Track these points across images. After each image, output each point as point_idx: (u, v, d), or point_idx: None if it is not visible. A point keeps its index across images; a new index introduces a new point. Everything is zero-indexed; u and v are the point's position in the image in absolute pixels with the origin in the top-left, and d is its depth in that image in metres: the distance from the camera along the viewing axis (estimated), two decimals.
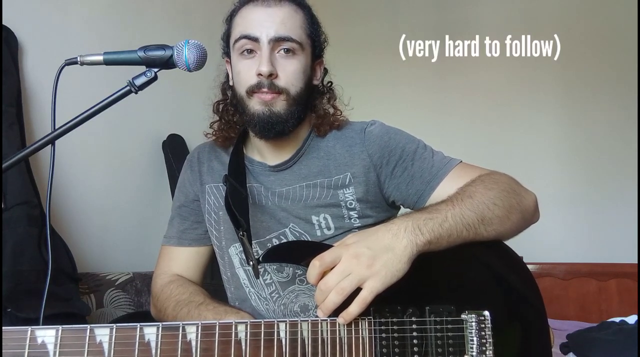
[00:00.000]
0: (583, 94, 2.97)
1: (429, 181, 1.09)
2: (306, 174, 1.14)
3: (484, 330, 0.89)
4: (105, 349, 0.75)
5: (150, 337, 0.76)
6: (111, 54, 0.90)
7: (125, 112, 2.11)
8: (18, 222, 1.51)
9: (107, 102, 0.89)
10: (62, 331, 0.74)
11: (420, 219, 0.89)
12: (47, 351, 0.73)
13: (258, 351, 0.80)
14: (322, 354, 0.82)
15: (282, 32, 1.06)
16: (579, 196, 2.93)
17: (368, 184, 1.11)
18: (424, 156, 1.12)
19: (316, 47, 1.15)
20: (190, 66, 0.90)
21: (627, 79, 2.82)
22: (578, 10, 3.00)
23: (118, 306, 1.83)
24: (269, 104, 1.06)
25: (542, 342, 0.97)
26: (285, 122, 1.08)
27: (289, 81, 1.07)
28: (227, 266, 1.20)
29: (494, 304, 0.91)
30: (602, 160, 2.91)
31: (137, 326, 0.76)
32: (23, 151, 0.86)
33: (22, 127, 1.66)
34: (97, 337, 0.75)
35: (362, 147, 1.13)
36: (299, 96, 1.09)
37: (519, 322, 0.95)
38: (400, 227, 0.88)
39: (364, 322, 0.85)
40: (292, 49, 1.07)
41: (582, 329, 2.19)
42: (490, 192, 0.98)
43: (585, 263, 2.79)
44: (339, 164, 1.13)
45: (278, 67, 1.06)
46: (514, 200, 1.00)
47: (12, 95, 1.65)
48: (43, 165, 1.72)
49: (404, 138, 1.15)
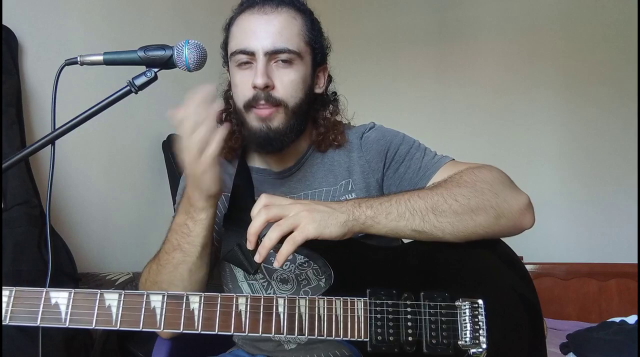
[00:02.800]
0: (583, 95, 2.97)
1: (416, 182, 1.07)
2: (311, 181, 1.13)
3: (477, 317, 0.90)
4: (113, 312, 0.79)
5: (155, 305, 0.80)
6: (111, 54, 0.90)
7: (125, 112, 2.11)
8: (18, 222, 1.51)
9: (107, 102, 0.89)
10: (75, 294, 0.79)
11: (366, 198, 0.95)
12: (60, 311, 0.78)
13: (257, 323, 0.82)
14: (318, 329, 0.84)
15: (278, 44, 1.03)
16: (579, 196, 2.93)
17: (369, 190, 1.11)
18: (415, 157, 1.10)
19: (317, 54, 1.11)
20: (190, 66, 0.90)
21: (627, 78, 2.82)
22: (578, 9, 3.00)
23: None
24: (266, 120, 1.04)
25: (536, 333, 0.98)
26: (284, 136, 1.05)
27: (287, 92, 1.04)
28: (228, 278, 1.17)
29: (488, 295, 0.92)
30: (602, 160, 2.91)
31: (145, 294, 0.81)
32: (23, 151, 0.86)
33: (22, 127, 1.66)
34: (106, 302, 0.79)
35: (360, 153, 1.12)
36: (299, 107, 1.06)
37: (512, 312, 0.96)
38: (347, 202, 0.92)
39: (359, 302, 0.87)
40: (290, 59, 1.04)
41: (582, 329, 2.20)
42: (457, 188, 0.95)
43: (586, 263, 2.79)
44: (340, 171, 1.13)
45: (275, 78, 1.03)
46: (488, 200, 0.95)
47: (12, 95, 1.64)
48: (43, 165, 1.72)
49: (398, 140, 1.13)
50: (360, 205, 0.91)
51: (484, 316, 0.90)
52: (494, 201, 0.95)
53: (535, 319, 0.98)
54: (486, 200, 0.94)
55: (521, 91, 3.06)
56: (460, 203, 0.92)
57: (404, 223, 0.91)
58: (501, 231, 0.97)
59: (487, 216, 0.94)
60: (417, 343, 0.87)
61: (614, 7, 2.91)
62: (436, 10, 3.30)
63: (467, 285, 0.93)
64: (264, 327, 0.82)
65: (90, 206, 1.95)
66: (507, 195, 0.97)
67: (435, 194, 0.93)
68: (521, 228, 0.99)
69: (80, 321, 0.78)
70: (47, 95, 1.76)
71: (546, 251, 2.82)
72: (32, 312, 0.78)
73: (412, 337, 0.87)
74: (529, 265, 2.75)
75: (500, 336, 0.91)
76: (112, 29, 2.11)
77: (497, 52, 3.14)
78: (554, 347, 2.07)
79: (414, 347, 0.87)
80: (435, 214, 0.91)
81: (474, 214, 0.93)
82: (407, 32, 3.34)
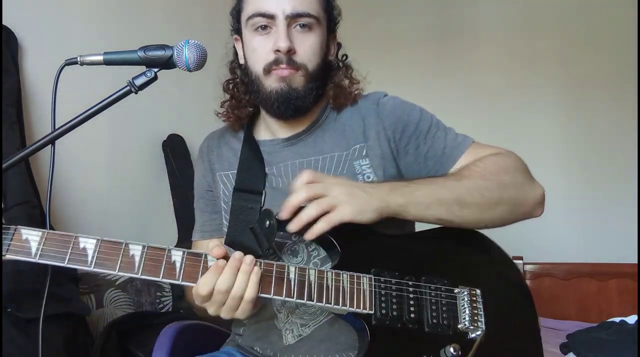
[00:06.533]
0: (583, 96, 2.97)
1: (442, 162, 1.08)
2: (321, 147, 1.12)
3: (475, 303, 0.95)
4: (137, 262, 0.82)
5: (176, 259, 0.84)
6: (111, 54, 0.90)
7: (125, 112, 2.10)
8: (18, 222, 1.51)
9: (107, 102, 0.89)
10: (102, 242, 0.81)
11: (398, 184, 0.96)
12: (87, 254, 0.81)
13: (269, 285, 0.86)
14: (326, 297, 0.88)
15: (299, 7, 1.03)
16: (579, 196, 2.93)
17: (384, 156, 1.09)
18: (437, 135, 1.10)
19: (331, 20, 1.12)
20: (190, 66, 0.90)
21: (626, 78, 2.82)
22: (578, 9, 2.99)
23: (118, 305, 1.83)
24: (287, 80, 1.04)
25: (531, 326, 1.04)
26: (304, 98, 1.06)
27: (307, 57, 1.05)
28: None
29: (485, 286, 0.98)
30: (602, 160, 2.91)
31: (166, 248, 0.84)
32: (23, 151, 0.86)
33: (22, 127, 1.66)
34: (130, 252, 0.82)
35: (377, 119, 1.11)
36: (317, 72, 1.07)
37: (507, 302, 1.02)
38: (380, 184, 0.96)
39: (365, 277, 0.91)
40: (309, 24, 1.04)
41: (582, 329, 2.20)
42: (482, 182, 0.98)
43: (586, 263, 2.79)
44: (354, 135, 1.11)
45: (296, 42, 1.03)
46: (509, 195, 1.00)
47: (12, 95, 1.65)
48: (43, 165, 1.72)
49: (418, 113, 1.13)
50: (393, 192, 0.93)
51: (482, 304, 0.96)
52: (515, 194, 1.00)
53: (528, 311, 1.04)
54: (508, 194, 0.99)
55: (521, 92, 3.06)
56: (484, 197, 0.96)
57: (430, 213, 0.95)
58: (515, 219, 1.02)
59: (507, 207, 1.00)
60: (418, 321, 0.91)
61: (614, 8, 2.91)
62: (435, 11, 3.29)
63: (465, 276, 0.98)
64: (276, 290, 0.85)
65: (90, 205, 1.95)
66: (526, 187, 1.03)
67: (462, 186, 0.97)
68: (531, 217, 1.05)
69: (105, 265, 0.81)
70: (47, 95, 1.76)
71: (546, 251, 2.81)
72: (61, 253, 0.80)
73: (415, 315, 0.91)
74: (529, 265, 2.75)
75: (497, 322, 0.96)
76: (112, 29, 2.11)
77: (497, 53, 3.14)
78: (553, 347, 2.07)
79: (415, 324, 0.91)
80: (459, 206, 0.95)
81: (496, 206, 0.98)
82: (406, 33, 3.34)
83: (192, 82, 2.44)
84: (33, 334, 1.37)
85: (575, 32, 2.99)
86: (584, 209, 2.91)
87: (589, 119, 2.95)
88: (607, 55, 2.92)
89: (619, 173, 2.85)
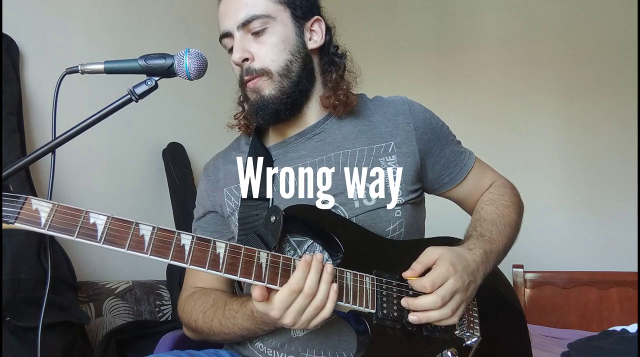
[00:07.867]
0: (583, 102, 2.97)
1: (461, 168, 1.18)
2: (340, 142, 1.10)
3: (471, 311, 1.01)
4: (146, 242, 0.81)
5: (185, 243, 0.83)
6: (112, 63, 0.90)
7: (125, 120, 2.11)
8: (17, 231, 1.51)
9: (108, 110, 0.89)
10: (112, 219, 0.81)
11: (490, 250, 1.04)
12: (97, 230, 0.79)
13: (276, 276, 0.86)
14: None
15: (243, 14, 1.04)
16: (579, 204, 2.92)
17: (413, 156, 1.10)
18: (455, 142, 1.20)
19: (296, 8, 1.09)
20: (190, 75, 0.90)
21: (626, 86, 2.82)
22: (578, 16, 3.01)
23: (117, 314, 1.82)
24: (257, 91, 1.06)
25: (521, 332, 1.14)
26: (280, 100, 1.05)
27: (267, 58, 1.05)
28: None
29: (479, 297, 1.03)
30: (602, 168, 2.90)
31: (176, 232, 0.83)
32: (23, 159, 0.86)
33: (23, 136, 1.66)
34: (140, 231, 0.81)
35: (409, 119, 1.12)
36: (285, 69, 1.06)
37: (499, 311, 1.10)
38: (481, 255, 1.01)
39: (367, 277, 0.93)
40: (261, 25, 1.04)
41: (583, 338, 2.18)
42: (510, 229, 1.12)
43: (586, 272, 2.78)
44: (380, 132, 1.11)
45: (252, 49, 1.05)
46: (520, 221, 1.17)
47: (13, 103, 1.65)
48: (43, 173, 1.72)
49: (438, 118, 1.19)
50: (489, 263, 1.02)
51: (477, 312, 1.02)
52: (521, 217, 1.18)
53: (518, 318, 1.13)
54: (520, 221, 1.17)
55: (520, 99, 3.06)
56: (510, 240, 1.12)
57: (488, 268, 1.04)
58: None
59: (517, 233, 1.17)
60: (417, 324, 0.93)
61: (613, 14, 2.92)
62: (435, 18, 3.31)
63: None
64: (282, 282, 0.85)
65: None
66: (522, 209, 1.21)
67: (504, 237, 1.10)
68: None
69: (114, 243, 0.80)
70: (47, 103, 1.76)
71: (547, 260, 2.81)
72: (72, 226, 0.78)
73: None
74: (529, 273, 2.74)
75: (491, 329, 1.01)
76: (113, 37, 2.12)
77: (497, 59, 3.15)
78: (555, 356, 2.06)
79: (414, 327, 0.93)
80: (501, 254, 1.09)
81: (516, 234, 1.16)
82: (406, 39, 3.36)
83: (193, 90, 2.45)
84: (32, 343, 1.36)
85: (574, 39, 3.00)
86: (585, 218, 2.91)
87: (589, 129, 2.94)
88: (607, 63, 2.92)
89: (619, 181, 2.85)
